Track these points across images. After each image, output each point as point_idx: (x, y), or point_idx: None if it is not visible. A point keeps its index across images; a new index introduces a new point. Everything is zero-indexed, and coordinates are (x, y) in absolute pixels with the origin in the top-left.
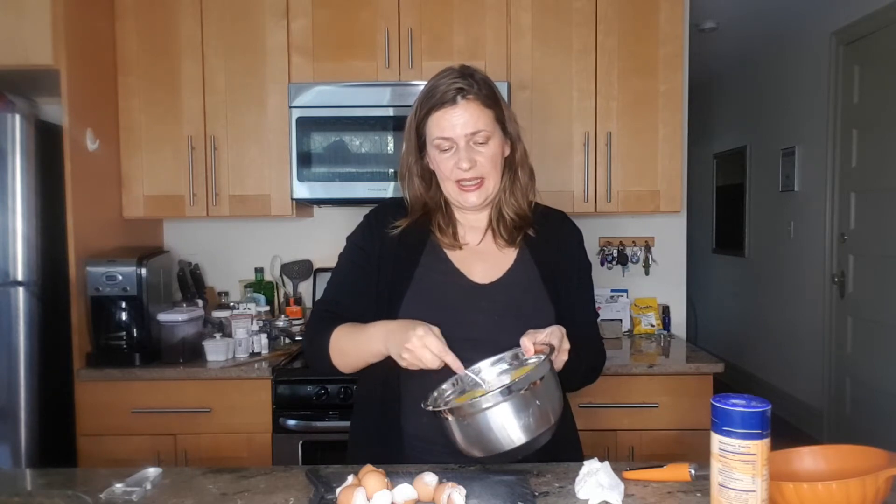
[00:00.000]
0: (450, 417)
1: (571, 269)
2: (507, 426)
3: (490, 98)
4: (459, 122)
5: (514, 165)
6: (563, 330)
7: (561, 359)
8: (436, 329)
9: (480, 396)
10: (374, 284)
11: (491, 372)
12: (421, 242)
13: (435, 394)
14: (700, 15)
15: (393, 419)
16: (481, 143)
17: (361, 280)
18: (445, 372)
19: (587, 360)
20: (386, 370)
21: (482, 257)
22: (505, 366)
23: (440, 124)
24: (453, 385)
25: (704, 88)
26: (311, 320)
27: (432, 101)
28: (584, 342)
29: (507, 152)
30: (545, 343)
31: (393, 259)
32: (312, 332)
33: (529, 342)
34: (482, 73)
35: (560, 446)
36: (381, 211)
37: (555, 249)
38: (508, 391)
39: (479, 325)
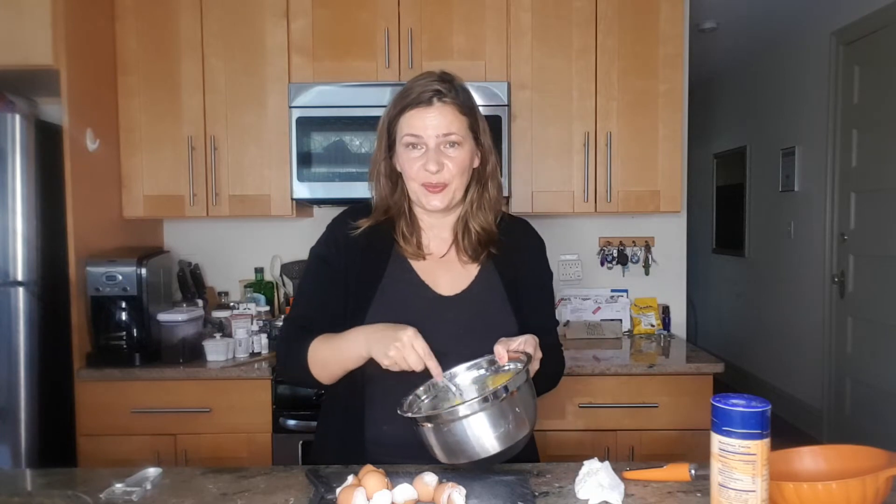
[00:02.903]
0: (427, 425)
1: (534, 279)
2: (485, 435)
3: (466, 106)
4: (432, 122)
5: (483, 178)
6: (537, 339)
7: (533, 367)
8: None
9: (459, 405)
10: (341, 295)
11: (466, 377)
12: (385, 253)
13: (409, 398)
14: (700, 15)
15: (355, 425)
16: (451, 147)
17: (328, 293)
18: (413, 381)
19: (551, 368)
20: (350, 376)
21: (447, 268)
22: (481, 371)
23: (412, 123)
24: (427, 390)
25: (704, 88)
26: (283, 337)
27: (407, 99)
28: (546, 350)
29: (477, 163)
30: (520, 351)
31: (358, 270)
32: (287, 348)
33: (503, 349)
34: (461, 81)
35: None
36: (343, 220)
37: (518, 259)
38: (486, 400)
39: (443, 336)
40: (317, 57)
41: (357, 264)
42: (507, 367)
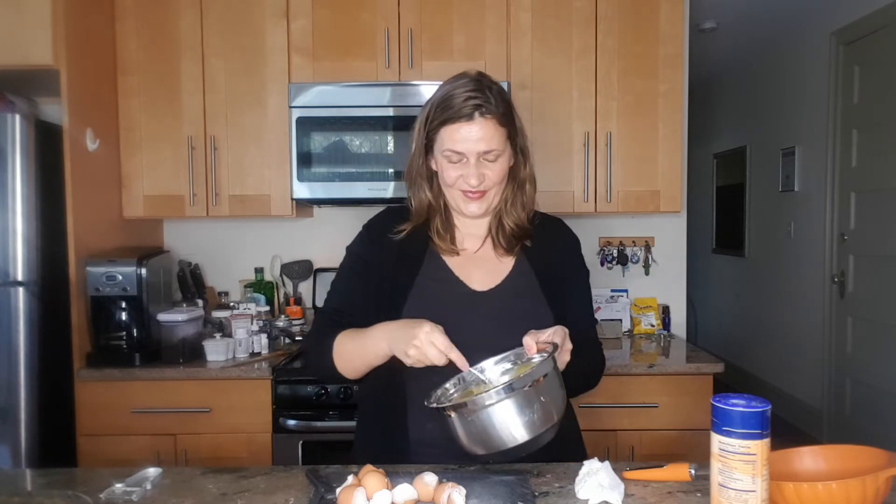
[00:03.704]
0: (453, 414)
1: (569, 276)
2: (511, 423)
3: (505, 115)
4: (473, 137)
5: (519, 178)
6: (566, 330)
7: (563, 359)
8: (440, 327)
9: (483, 393)
10: (375, 292)
11: (494, 371)
12: (420, 250)
13: (438, 392)
14: (700, 15)
15: (398, 425)
16: (491, 161)
17: (362, 288)
18: (449, 375)
19: (587, 365)
20: (390, 375)
21: (480, 264)
22: (508, 365)
23: (453, 137)
24: (456, 384)
25: (704, 88)
26: (313, 329)
27: (448, 112)
28: (583, 347)
29: (512, 162)
30: (548, 342)
31: (393, 267)
32: (315, 341)
33: (532, 341)
34: (497, 84)
35: (564, 447)
36: (380, 220)
37: (552, 256)
38: (511, 388)
39: (477, 331)
40: (317, 57)
41: (393, 262)
42: (534, 359)
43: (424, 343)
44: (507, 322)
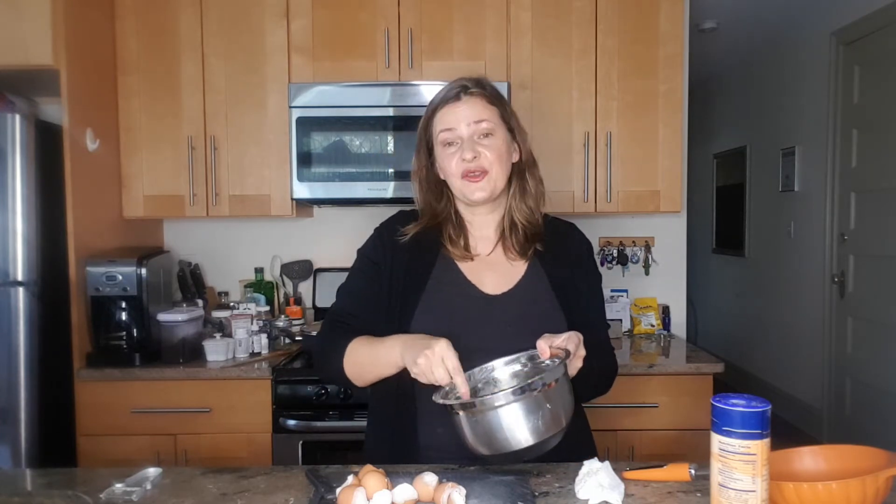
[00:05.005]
0: (460, 413)
1: (581, 280)
2: (517, 426)
3: (495, 97)
4: (463, 114)
5: (521, 171)
6: (581, 336)
7: (575, 365)
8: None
9: (492, 394)
10: (386, 296)
11: (504, 371)
12: (432, 254)
13: (447, 388)
14: (700, 15)
15: (408, 430)
16: (485, 136)
17: (373, 291)
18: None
19: (599, 370)
20: (401, 381)
21: (493, 268)
22: (518, 366)
23: (444, 118)
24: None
25: (704, 88)
26: (323, 331)
27: (438, 100)
28: (595, 352)
29: (515, 158)
30: (561, 347)
31: (404, 271)
32: (326, 344)
33: (546, 345)
34: (489, 80)
35: (573, 447)
36: (391, 223)
37: (565, 260)
38: (521, 391)
39: (490, 335)
40: (317, 57)
41: (404, 266)
42: (546, 363)
43: (435, 357)
44: (520, 326)
